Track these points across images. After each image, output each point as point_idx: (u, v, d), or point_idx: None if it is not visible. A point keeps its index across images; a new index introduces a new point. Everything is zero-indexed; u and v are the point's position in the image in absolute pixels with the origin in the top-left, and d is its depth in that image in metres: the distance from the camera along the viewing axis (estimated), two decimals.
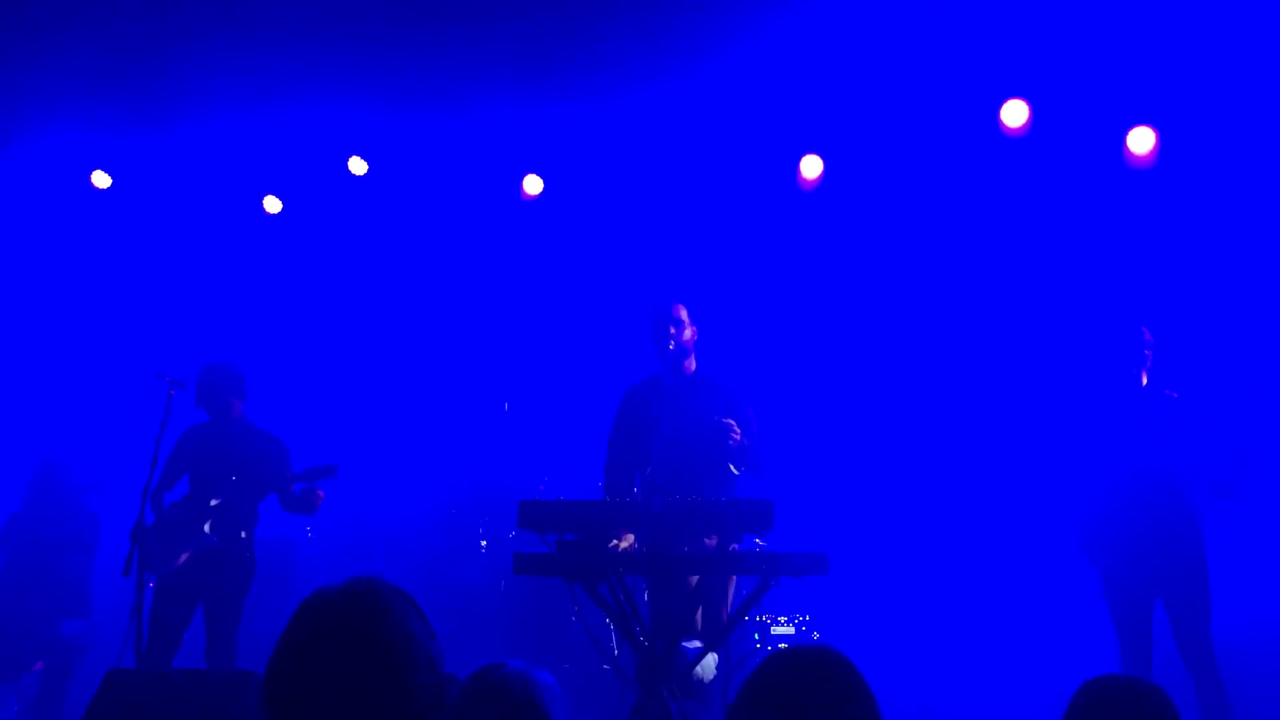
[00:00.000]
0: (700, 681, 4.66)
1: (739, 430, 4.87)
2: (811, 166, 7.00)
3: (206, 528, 5.48)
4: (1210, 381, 5.38)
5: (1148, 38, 5.88)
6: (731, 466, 4.91)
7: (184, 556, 5.45)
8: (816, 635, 6.53)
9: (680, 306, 5.05)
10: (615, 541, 4.48)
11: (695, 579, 4.62)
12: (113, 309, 8.25)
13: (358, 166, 7.44)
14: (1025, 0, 5.79)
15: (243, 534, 5.56)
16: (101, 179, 7.64)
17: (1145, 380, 5.09)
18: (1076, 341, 6.28)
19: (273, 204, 7.84)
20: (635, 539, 4.55)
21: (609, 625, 4.77)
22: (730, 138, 6.93)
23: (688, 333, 5.05)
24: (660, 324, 5.00)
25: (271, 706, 1.71)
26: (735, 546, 4.26)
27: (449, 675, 2.71)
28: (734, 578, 4.80)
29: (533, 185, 7.47)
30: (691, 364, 5.12)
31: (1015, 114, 6.35)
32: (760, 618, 6.40)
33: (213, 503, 5.52)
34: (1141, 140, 6.28)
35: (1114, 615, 5.04)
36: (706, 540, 4.45)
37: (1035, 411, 6.51)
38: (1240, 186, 6.23)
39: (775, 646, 6.46)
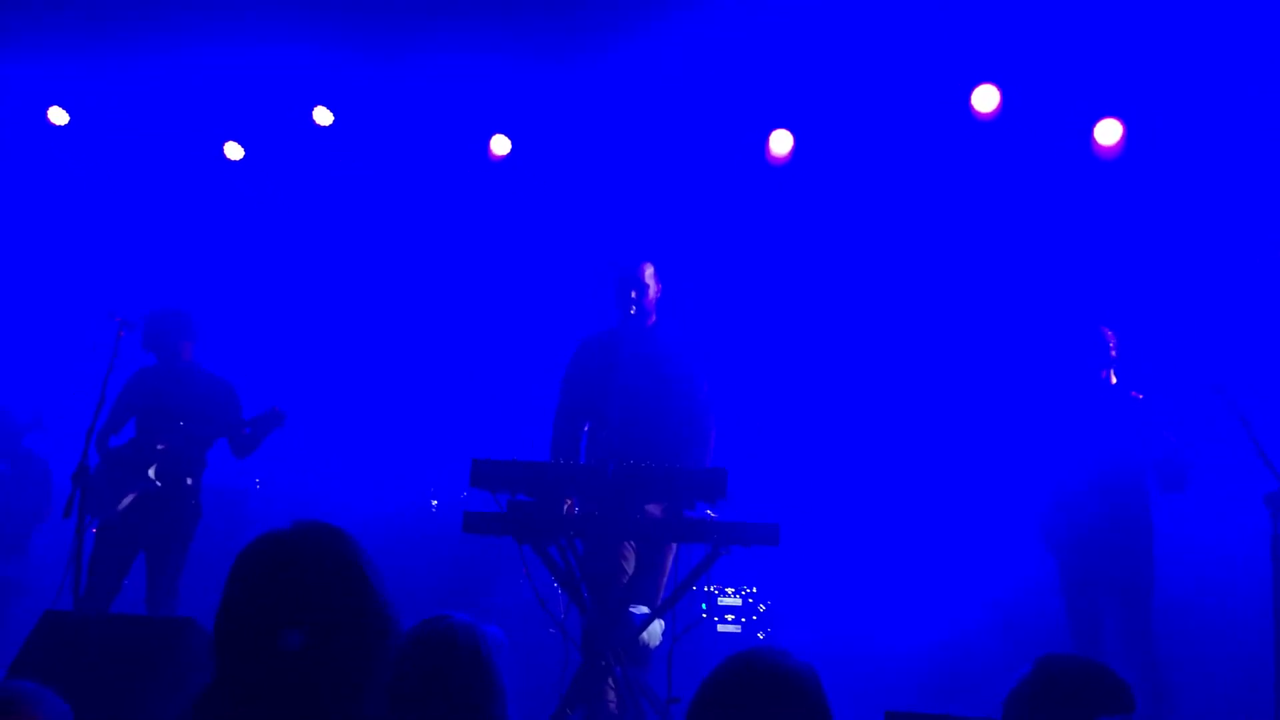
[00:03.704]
0: (645, 648, 4.68)
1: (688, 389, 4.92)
2: (781, 141, 6.96)
3: (151, 472, 5.38)
4: (1170, 374, 5.46)
5: (1119, 30, 5.92)
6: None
7: (127, 501, 5.36)
8: (764, 607, 6.55)
9: (647, 266, 5.04)
10: (568, 503, 4.47)
11: (634, 545, 4.63)
12: (68, 248, 8.05)
13: (323, 117, 7.30)
14: None
15: (188, 480, 5.46)
16: (59, 115, 7.44)
17: (1113, 379, 5.24)
18: (1038, 330, 6.36)
19: (234, 150, 7.67)
20: (576, 504, 4.51)
21: (557, 588, 4.76)
22: (701, 110, 6.87)
23: (651, 293, 5.04)
24: (625, 283, 4.98)
25: (226, 640, 1.68)
26: (685, 514, 4.26)
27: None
28: (673, 546, 4.81)
29: (500, 145, 7.36)
30: (651, 321, 5.11)
31: (986, 99, 6.37)
32: (708, 588, 6.41)
33: (159, 447, 5.42)
34: (1109, 132, 6.34)
35: (1066, 604, 5.23)
36: (650, 508, 4.45)
37: (995, 394, 6.57)
38: (1203, 181, 6.31)
39: (721, 617, 6.54)
